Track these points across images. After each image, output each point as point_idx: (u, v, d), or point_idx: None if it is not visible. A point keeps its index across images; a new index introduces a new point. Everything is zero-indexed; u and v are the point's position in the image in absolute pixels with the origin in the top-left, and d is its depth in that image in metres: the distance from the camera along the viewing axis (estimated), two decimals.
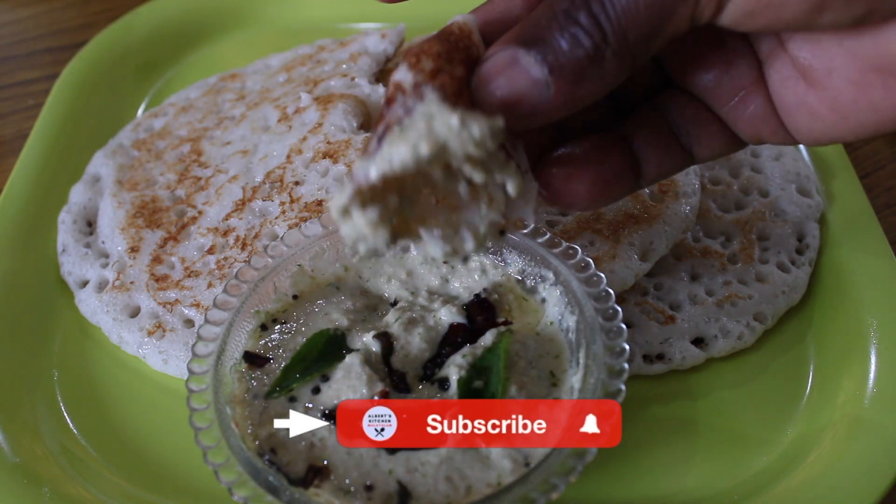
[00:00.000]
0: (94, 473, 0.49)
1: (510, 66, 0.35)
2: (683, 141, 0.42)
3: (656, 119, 0.42)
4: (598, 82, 0.35)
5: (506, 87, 0.35)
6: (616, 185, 0.41)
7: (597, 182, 0.40)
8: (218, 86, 0.74)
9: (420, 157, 0.33)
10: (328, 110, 0.63)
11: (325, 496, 0.41)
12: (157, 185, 0.64)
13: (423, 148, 0.33)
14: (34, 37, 0.91)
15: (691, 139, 0.42)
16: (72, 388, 0.54)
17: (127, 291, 0.57)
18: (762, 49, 0.39)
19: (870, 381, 0.50)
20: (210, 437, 0.42)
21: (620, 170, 0.41)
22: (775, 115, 0.39)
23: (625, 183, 0.41)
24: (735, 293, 0.55)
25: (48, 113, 0.70)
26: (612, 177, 0.41)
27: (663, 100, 0.42)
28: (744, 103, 0.39)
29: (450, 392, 0.44)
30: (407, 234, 0.37)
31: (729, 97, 0.40)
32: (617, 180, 0.41)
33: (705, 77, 0.40)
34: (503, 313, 0.48)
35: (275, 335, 0.48)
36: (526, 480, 0.40)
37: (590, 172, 0.40)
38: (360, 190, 0.34)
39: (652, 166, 0.42)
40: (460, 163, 0.34)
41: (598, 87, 0.35)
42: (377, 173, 0.33)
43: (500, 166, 0.35)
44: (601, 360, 0.43)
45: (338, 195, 0.34)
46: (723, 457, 0.48)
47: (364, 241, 0.35)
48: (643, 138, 0.41)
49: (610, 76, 0.35)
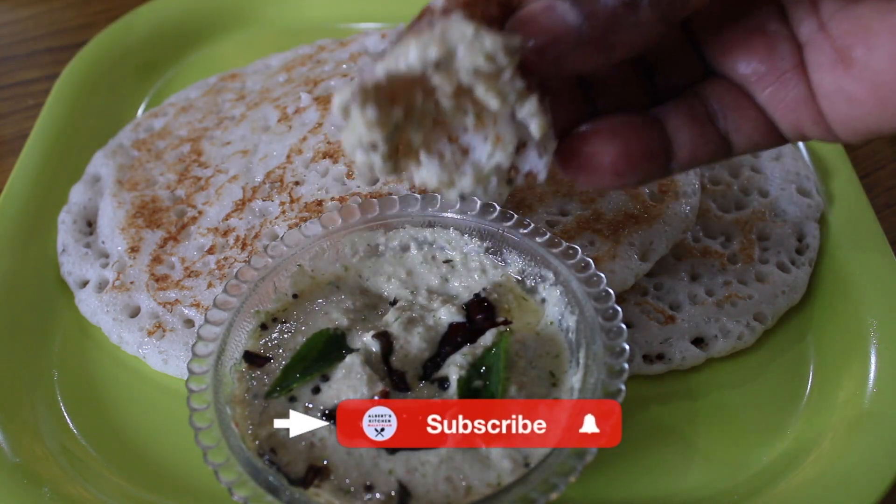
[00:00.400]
0: (94, 473, 0.49)
1: (546, 11, 0.34)
2: (721, 127, 0.40)
3: (694, 103, 0.40)
4: (632, 32, 0.34)
5: (539, 30, 0.34)
6: (644, 163, 0.39)
7: (623, 155, 0.38)
8: (218, 86, 0.74)
9: (427, 58, 0.32)
10: (328, 110, 0.63)
11: (325, 496, 0.41)
12: (157, 185, 0.64)
13: (431, 50, 0.32)
14: (34, 37, 0.91)
15: (729, 126, 0.40)
16: (72, 388, 0.54)
17: (127, 291, 0.57)
18: (802, 32, 0.38)
19: (870, 381, 0.50)
20: (210, 437, 0.42)
21: (650, 148, 0.39)
22: (815, 103, 0.38)
23: (654, 163, 0.40)
24: (735, 293, 0.55)
25: (48, 113, 0.70)
26: (640, 153, 0.39)
27: (702, 87, 0.41)
28: (784, 89, 0.38)
29: (449, 392, 0.44)
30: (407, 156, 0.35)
31: (769, 82, 0.38)
32: (645, 159, 0.39)
33: (745, 62, 0.39)
34: (503, 313, 0.48)
35: (275, 334, 0.48)
36: (526, 480, 0.40)
37: (617, 144, 0.38)
38: (365, 88, 0.33)
39: (685, 150, 0.40)
40: (470, 76, 0.33)
41: (633, 38, 0.35)
42: (383, 71, 0.33)
43: (519, 97, 0.34)
44: (601, 360, 0.43)
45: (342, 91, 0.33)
46: (723, 457, 0.49)
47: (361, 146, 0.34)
48: (678, 119, 0.40)
49: (645, 26, 0.34)
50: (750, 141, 0.40)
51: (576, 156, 0.38)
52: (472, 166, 0.36)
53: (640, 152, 0.39)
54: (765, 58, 0.38)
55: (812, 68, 0.37)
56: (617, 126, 0.39)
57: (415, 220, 0.51)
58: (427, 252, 0.51)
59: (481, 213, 0.50)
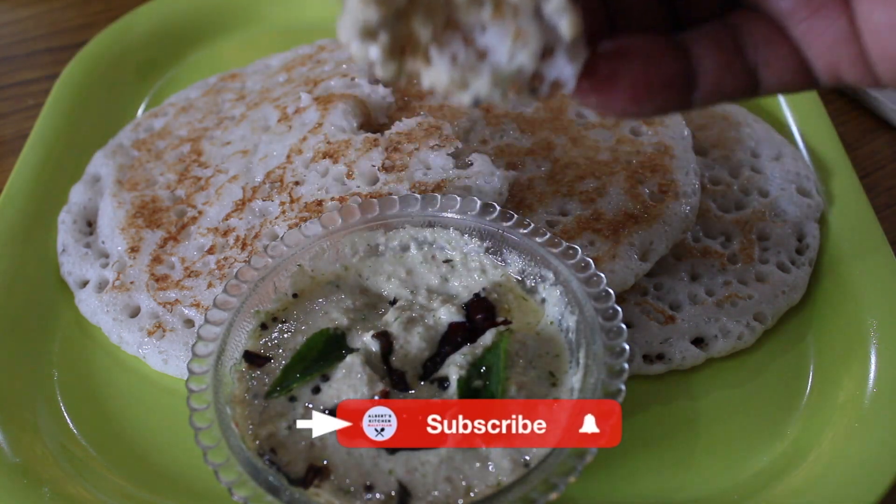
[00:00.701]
0: (94, 473, 0.49)
1: None
2: (749, 60, 0.36)
3: (721, 31, 0.36)
4: None
5: None
6: (664, 91, 0.35)
7: (644, 81, 0.35)
8: (218, 86, 0.74)
9: None
10: (328, 110, 0.62)
11: (325, 496, 0.41)
12: (157, 185, 0.64)
13: None
14: (34, 37, 0.91)
15: (758, 60, 0.36)
16: (72, 388, 0.54)
17: (127, 291, 0.57)
18: None
19: (870, 381, 0.50)
20: (210, 437, 0.42)
21: (672, 74, 0.35)
22: (857, 40, 0.34)
23: (675, 92, 0.36)
24: (735, 293, 0.55)
25: (48, 113, 0.70)
26: (661, 79, 0.35)
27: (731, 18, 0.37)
28: (822, 22, 0.34)
29: (449, 391, 0.44)
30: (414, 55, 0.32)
31: (805, 15, 0.34)
32: (666, 86, 0.35)
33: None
34: (503, 313, 0.48)
35: (275, 334, 0.48)
36: (526, 480, 0.40)
37: (638, 69, 0.35)
38: None
39: (709, 79, 0.36)
40: None
41: None
42: None
43: None
44: (601, 360, 0.43)
45: None
46: (723, 457, 0.49)
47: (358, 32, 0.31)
48: (703, 47, 0.36)
49: None
50: (780, 79, 0.36)
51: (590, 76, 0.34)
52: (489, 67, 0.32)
53: (661, 78, 0.35)
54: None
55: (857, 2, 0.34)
56: (637, 46, 0.35)
57: (415, 220, 0.51)
58: (427, 252, 0.51)
59: (481, 213, 0.50)
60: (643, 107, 0.36)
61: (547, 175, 0.59)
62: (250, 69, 0.76)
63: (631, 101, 0.35)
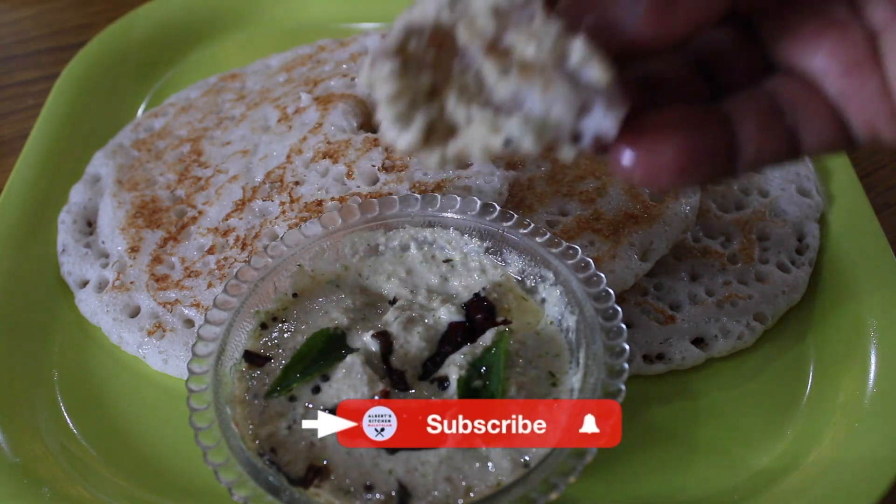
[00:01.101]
0: (94, 473, 0.49)
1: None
2: (789, 123, 0.36)
3: (760, 96, 0.37)
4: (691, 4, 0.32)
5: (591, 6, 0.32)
6: (709, 161, 0.35)
7: (687, 151, 0.34)
8: (218, 86, 0.74)
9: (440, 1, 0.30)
10: (328, 110, 0.63)
11: (325, 496, 0.41)
12: (157, 185, 0.64)
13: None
14: (34, 37, 0.91)
15: (797, 120, 0.36)
16: (72, 388, 0.54)
17: (127, 291, 0.57)
18: (875, 21, 0.35)
19: (870, 381, 0.50)
20: (210, 437, 0.42)
21: (715, 144, 0.35)
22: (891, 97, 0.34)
23: (719, 161, 0.36)
24: (735, 293, 0.55)
25: (48, 113, 0.70)
26: (705, 149, 0.35)
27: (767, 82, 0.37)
28: (856, 80, 0.35)
29: (449, 391, 0.44)
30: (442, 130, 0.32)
31: (839, 74, 0.35)
32: (710, 156, 0.35)
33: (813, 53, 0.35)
34: (503, 313, 0.48)
35: (275, 334, 0.48)
36: (526, 480, 0.40)
37: (681, 138, 0.34)
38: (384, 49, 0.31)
39: (751, 146, 0.36)
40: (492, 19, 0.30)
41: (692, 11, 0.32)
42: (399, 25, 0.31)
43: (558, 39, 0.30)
44: (601, 360, 0.43)
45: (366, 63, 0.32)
46: (723, 457, 0.48)
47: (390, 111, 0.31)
48: (743, 113, 0.36)
49: None
50: (819, 140, 0.36)
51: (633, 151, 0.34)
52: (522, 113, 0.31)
53: (704, 148, 0.35)
54: (834, 48, 0.35)
55: (888, 58, 0.34)
56: (679, 118, 0.35)
57: (415, 220, 0.51)
58: (427, 252, 0.51)
59: (481, 213, 0.50)
60: (689, 177, 0.35)
61: (547, 175, 0.59)
62: (250, 69, 0.76)
63: (677, 174, 0.35)
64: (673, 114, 0.35)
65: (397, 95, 0.31)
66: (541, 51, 0.31)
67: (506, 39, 0.31)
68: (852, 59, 0.35)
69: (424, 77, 0.32)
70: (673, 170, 0.34)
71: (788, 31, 0.36)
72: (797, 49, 0.36)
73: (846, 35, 0.35)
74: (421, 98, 0.32)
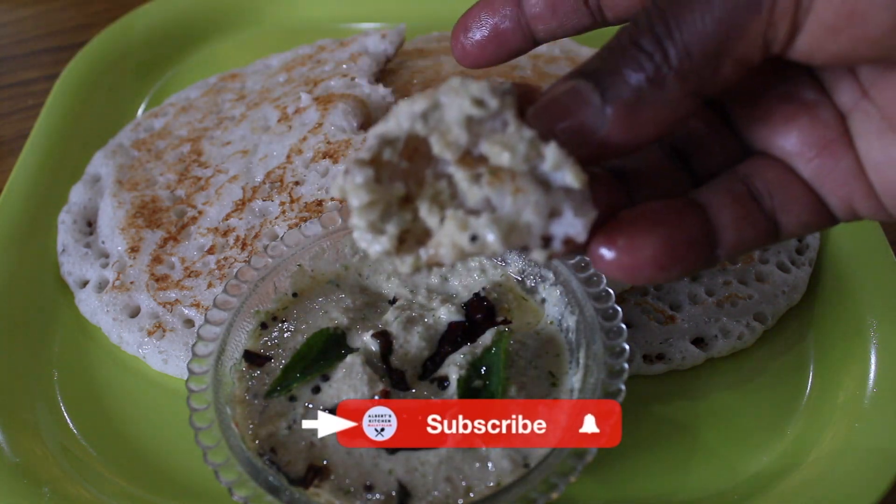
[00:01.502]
0: (94, 473, 0.49)
1: (567, 94, 0.33)
2: (766, 207, 0.36)
3: (735, 184, 0.37)
4: (659, 108, 0.32)
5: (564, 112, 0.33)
6: (689, 253, 0.35)
7: (667, 245, 0.34)
8: (218, 86, 0.74)
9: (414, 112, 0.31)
10: (328, 110, 0.63)
11: (325, 496, 0.41)
12: (157, 185, 0.64)
13: (418, 104, 0.31)
14: (34, 37, 0.91)
15: (775, 206, 0.36)
16: (72, 388, 0.54)
17: (127, 291, 0.57)
18: (843, 101, 0.35)
19: (870, 381, 0.50)
20: (210, 437, 0.42)
21: (694, 236, 0.35)
22: (864, 175, 0.35)
23: (699, 252, 0.35)
24: (735, 293, 0.55)
25: (48, 113, 0.70)
26: (684, 242, 0.35)
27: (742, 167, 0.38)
28: (829, 161, 0.35)
29: (449, 391, 0.44)
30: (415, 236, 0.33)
31: (813, 155, 0.35)
32: (690, 248, 0.35)
33: (785, 135, 0.36)
34: (503, 313, 0.48)
35: (275, 333, 0.48)
36: (526, 480, 0.40)
37: (660, 234, 0.34)
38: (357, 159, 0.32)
39: (730, 234, 0.36)
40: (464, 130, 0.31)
41: (660, 115, 0.32)
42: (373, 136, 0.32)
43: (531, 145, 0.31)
44: (601, 360, 0.43)
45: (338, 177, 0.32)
46: (723, 457, 0.48)
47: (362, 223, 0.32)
48: (720, 202, 0.36)
49: (673, 102, 0.32)
50: (799, 221, 0.36)
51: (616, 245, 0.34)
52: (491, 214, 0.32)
53: (683, 241, 0.35)
54: (806, 129, 0.35)
55: (858, 138, 0.35)
56: (656, 213, 0.35)
57: None
58: None
59: None
60: (669, 273, 0.35)
61: None
62: (250, 69, 0.76)
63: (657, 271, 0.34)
64: (649, 210, 0.35)
65: (370, 205, 0.32)
66: (514, 158, 0.31)
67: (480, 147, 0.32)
68: (824, 139, 0.35)
69: (398, 185, 0.32)
70: (653, 266, 0.34)
71: (759, 116, 0.37)
72: (769, 132, 0.36)
73: (817, 117, 0.35)
74: (394, 206, 0.33)
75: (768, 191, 0.36)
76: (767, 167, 0.37)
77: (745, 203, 0.36)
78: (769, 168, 0.36)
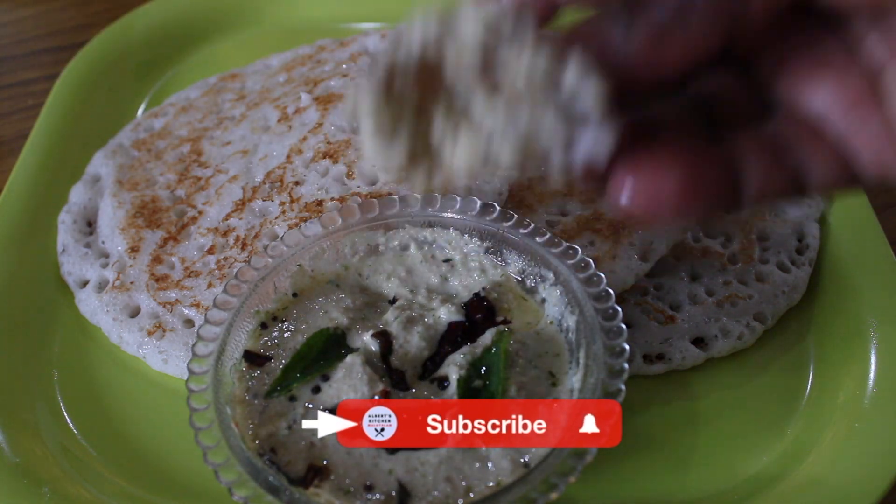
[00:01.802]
0: (94, 473, 0.49)
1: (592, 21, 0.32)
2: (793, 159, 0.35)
3: (762, 133, 0.35)
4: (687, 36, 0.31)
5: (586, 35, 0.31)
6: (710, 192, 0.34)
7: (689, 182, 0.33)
8: (218, 86, 0.74)
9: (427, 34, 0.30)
10: (328, 110, 0.63)
11: (325, 496, 0.41)
12: (157, 185, 0.64)
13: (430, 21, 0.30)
14: (34, 37, 0.91)
15: (802, 157, 0.35)
16: (72, 388, 0.54)
17: (127, 291, 0.57)
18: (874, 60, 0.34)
19: (870, 381, 0.50)
20: (210, 437, 0.42)
21: (717, 176, 0.34)
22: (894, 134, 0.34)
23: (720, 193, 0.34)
24: (735, 293, 0.55)
25: (48, 113, 0.70)
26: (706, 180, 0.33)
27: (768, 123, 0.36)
28: (858, 120, 0.34)
29: (449, 391, 0.44)
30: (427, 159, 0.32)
31: (841, 113, 0.34)
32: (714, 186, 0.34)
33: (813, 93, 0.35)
34: (503, 313, 0.48)
35: (275, 333, 0.48)
36: (526, 480, 0.40)
37: (683, 167, 0.33)
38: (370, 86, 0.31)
39: (753, 182, 0.34)
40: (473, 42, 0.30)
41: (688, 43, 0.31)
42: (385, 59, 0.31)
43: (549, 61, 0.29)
44: (601, 360, 0.43)
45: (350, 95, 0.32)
46: (723, 457, 0.48)
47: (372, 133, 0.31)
48: (746, 148, 0.35)
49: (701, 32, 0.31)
50: (825, 178, 0.35)
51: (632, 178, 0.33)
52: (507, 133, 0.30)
53: (708, 178, 0.33)
54: (835, 87, 0.34)
55: (890, 97, 0.33)
56: (682, 148, 0.33)
57: (415, 220, 0.51)
58: (427, 251, 0.51)
59: (481, 213, 0.50)
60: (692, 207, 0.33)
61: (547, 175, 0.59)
62: (250, 69, 0.76)
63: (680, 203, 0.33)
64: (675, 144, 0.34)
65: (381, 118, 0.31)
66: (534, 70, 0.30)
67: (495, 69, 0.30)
68: (853, 98, 0.34)
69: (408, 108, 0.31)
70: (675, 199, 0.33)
71: (787, 74, 0.36)
72: (797, 91, 0.36)
73: (846, 75, 0.35)
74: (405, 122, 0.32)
75: (795, 148, 0.35)
76: (794, 124, 0.35)
77: (771, 154, 0.35)
78: (796, 125, 0.35)
